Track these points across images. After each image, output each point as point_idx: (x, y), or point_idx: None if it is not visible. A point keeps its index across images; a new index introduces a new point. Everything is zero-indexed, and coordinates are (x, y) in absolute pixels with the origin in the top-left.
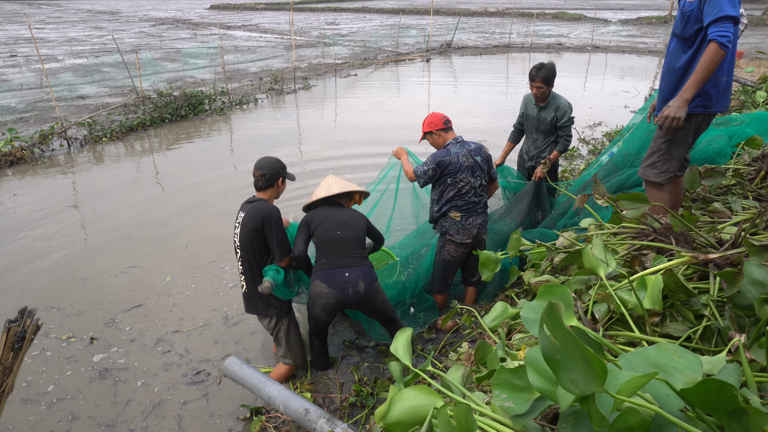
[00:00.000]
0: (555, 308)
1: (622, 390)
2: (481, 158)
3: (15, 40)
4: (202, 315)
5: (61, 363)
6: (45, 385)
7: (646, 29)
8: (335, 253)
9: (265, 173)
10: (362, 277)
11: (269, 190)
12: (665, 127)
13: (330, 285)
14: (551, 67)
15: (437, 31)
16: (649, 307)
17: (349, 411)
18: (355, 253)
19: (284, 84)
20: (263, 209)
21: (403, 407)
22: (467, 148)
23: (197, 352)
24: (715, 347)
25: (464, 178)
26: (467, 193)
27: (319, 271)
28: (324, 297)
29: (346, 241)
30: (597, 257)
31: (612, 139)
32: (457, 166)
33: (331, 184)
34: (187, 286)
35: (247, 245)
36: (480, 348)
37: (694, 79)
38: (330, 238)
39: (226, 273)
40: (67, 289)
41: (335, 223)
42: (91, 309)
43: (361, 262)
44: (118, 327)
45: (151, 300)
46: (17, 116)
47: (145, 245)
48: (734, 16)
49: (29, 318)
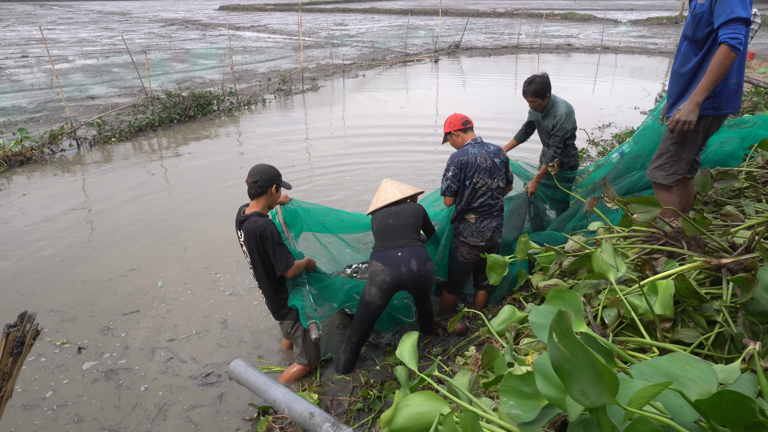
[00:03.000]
0: (565, 317)
1: (634, 400)
2: (499, 160)
3: (27, 41)
4: (210, 318)
5: (63, 366)
6: (47, 389)
7: (657, 30)
8: (388, 237)
9: (257, 180)
10: (414, 256)
11: (262, 198)
12: (676, 130)
13: (384, 263)
14: (541, 81)
15: (446, 32)
16: (660, 312)
17: (356, 414)
18: (406, 235)
19: (292, 84)
20: (255, 228)
21: (409, 413)
22: (486, 149)
23: (202, 356)
24: (728, 354)
25: (481, 179)
26: (483, 194)
27: (375, 253)
28: (380, 274)
29: (397, 227)
30: (607, 261)
31: (621, 140)
32: (475, 166)
33: (387, 190)
34: (196, 288)
35: (260, 265)
36: (487, 353)
37: (705, 81)
38: (383, 227)
39: (223, 279)
40: (67, 292)
41: (388, 215)
42: (88, 313)
43: (412, 243)
44: (115, 333)
45: (153, 304)
46: (28, 116)
47: (148, 248)
48: (745, 17)
49: (29, 323)
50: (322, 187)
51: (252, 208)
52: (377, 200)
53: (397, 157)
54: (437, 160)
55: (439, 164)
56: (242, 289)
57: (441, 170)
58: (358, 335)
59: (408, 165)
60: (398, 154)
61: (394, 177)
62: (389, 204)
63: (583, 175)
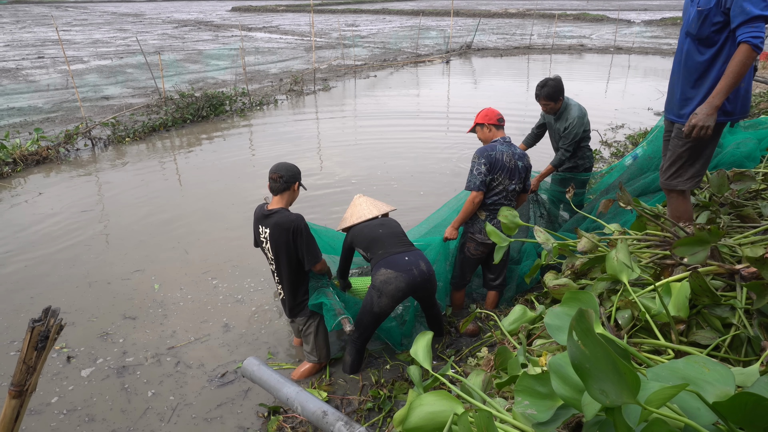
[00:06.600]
0: (585, 315)
1: (651, 400)
2: (522, 165)
3: (42, 42)
4: (212, 321)
5: (62, 372)
6: (64, 392)
7: (671, 30)
8: (387, 244)
9: (283, 175)
10: (420, 258)
11: (286, 193)
12: (693, 135)
13: (396, 269)
14: (554, 84)
15: (457, 33)
16: (675, 314)
17: (366, 414)
18: (404, 241)
19: (304, 85)
20: (288, 221)
21: (423, 413)
22: (513, 150)
23: (212, 357)
24: (745, 357)
25: (500, 177)
26: (499, 194)
27: (380, 260)
28: (393, 282)
29: (390, 235)
30: (621, 262)
31: (635, 141)
32: (500, 164)
33: (362, 206)
34: (195, 292)
35: (285, 260)
36: (500, 353)
37: (724, 83)
38: (374, 237)
39: (221, 284)
40: (72, 294)
41: (374, 226)
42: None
43: (413, 248)
44: (114, 337)
45: (153, 307)
46: (44, 116)
47: (156, 250)
48: (766, 15)
49: (53, 317)
50: (331, 186)
51: (277, 204)
52: (352, 216)
53: (407, 160)
54: (446, 165)
55: (447, 170)
56: (243, 292)
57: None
58: (363, 338)
59: (417, 169)
60: (409, 158)
61: (403, 182)
62: (366, 220)
63: (596, 177)
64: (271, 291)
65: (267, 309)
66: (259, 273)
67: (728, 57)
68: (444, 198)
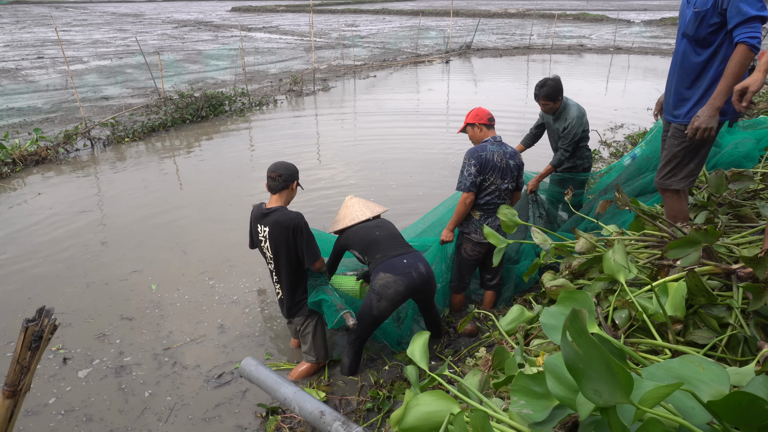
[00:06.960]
0: (579, 315)
1: (645, 400)
2: (514, 163)
3: (42, 42)
4: (210, 322)
5: (59, 374)
6: (59, 390)
7: (670, 30)
8: (384, 246)
9: (282, 174)
10: (419, 260)
11: (284, 192)
12: (697, 137)
13: (395, 273)
14: (553, 84)
15: (457, 33)
16: (672, 313)
17: (365, 414)
18: (401, 243)
19: (303, 85)
20: (288, 219)
21: (419, 412)
22: (504, 149)
23: (209, 357)
24: (742, 356)
25: (491, 177)
26: (491, 193)
27: (378, 264)
28: (392, 286)
29: (387, 237)
30: (618, 263)
31: (634, 141)
32: (491, 164)
33: (355, 207)
34: (192, 293)
35: (284, 259)
36: (497, 353)
37: (724, 84)
38: (371, 239)
39: (219, 285)
40: (69, 295)
41: (370, 228)
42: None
43: (411, 249)
44: (112, 338)
45: (151, 309)
46: (43, 116)
47: (154, 251)
48: (763, 15)
49: (46, 317)
50: (331, 187)
51: (275, 203)
52: (345, 218)
53: (405, 161)
54: (445, 165)
55: (446, 170)
56: (239, 293)
57: (445, 177)
58: (360, 340)
59: (416, 169)
60: (408, 159)
61: (401, 179)
62: (360, 222)
63: (595, 177)
64: (269, 291)
65: (264, 310)
66: (256, 273)
67: (725, 58)
68: (442, 199)
